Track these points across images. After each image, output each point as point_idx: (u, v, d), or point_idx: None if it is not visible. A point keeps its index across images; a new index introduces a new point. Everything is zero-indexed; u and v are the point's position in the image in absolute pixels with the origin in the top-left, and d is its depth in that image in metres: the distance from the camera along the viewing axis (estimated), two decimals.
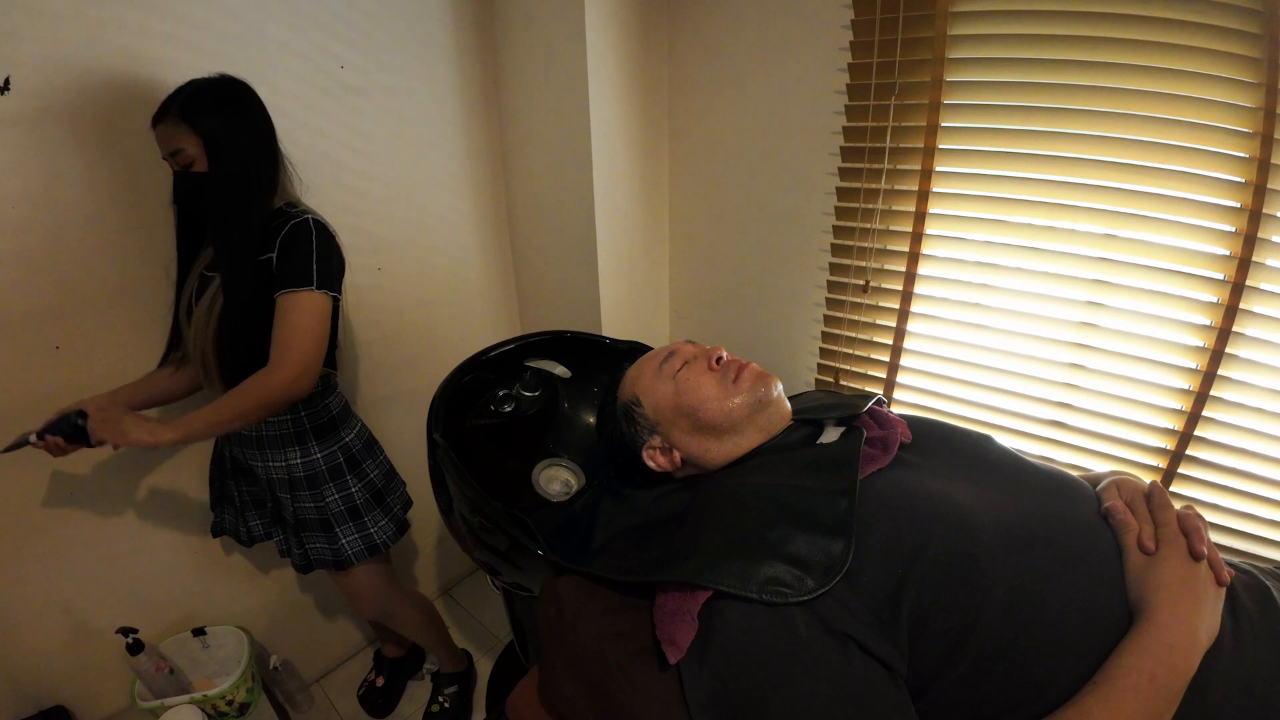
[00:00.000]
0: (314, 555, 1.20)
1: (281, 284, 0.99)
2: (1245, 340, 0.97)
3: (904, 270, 1.23)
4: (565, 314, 1.59)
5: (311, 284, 1.00)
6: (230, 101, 0.97)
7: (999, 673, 0.56)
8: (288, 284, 0.99)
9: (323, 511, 1.16)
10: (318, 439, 1.15)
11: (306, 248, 1.00)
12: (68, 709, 1.17)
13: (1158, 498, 0.64)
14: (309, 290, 1.00)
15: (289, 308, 1.00)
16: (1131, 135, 0.97)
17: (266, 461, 1.13)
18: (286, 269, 1.00)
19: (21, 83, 0.92)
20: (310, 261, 1.00)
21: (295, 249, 1.00)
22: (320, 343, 1.02)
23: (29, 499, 1.08)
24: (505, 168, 1.58)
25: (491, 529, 0.83)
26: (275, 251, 1.00)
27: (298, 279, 0.99)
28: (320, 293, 1.01)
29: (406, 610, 1.39)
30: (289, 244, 1.00)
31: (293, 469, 1.13)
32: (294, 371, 0.99)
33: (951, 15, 1.04)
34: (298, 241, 1.00)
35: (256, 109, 1.00)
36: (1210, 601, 0.56)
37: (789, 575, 0.58)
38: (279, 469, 1.13)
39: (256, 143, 1.00)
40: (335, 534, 1.18)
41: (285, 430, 1.12)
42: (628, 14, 1.31)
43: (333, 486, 1.17)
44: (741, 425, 0.80)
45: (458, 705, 1.51)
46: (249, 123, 0.98)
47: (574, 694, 0.68)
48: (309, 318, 1.00)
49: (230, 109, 0.96)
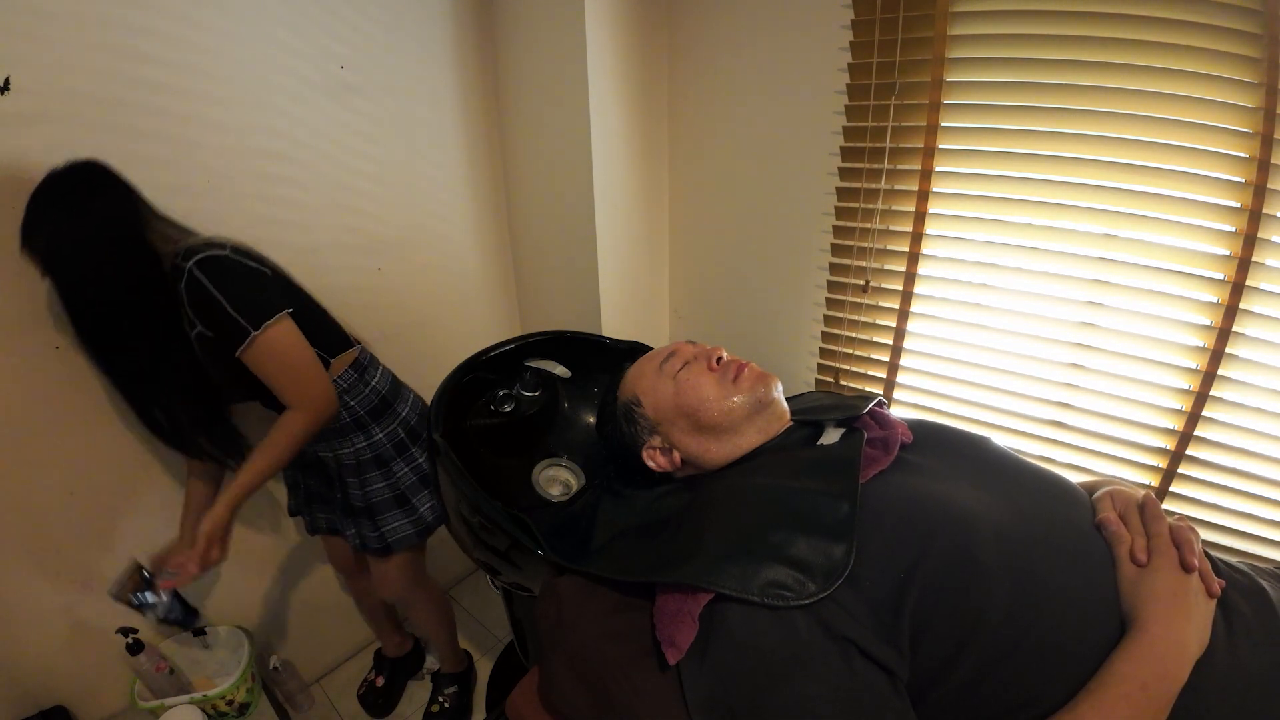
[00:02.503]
0: (391, 536, 1.22)
1: (231, 347, 0.94)
2: (1245, 340, 0.97)
3: (904, 270, 1.23)
4: (565, 314, 1.59)
5: (249, 330, 0.93)
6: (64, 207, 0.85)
7: (999, 677, 0.56)
8: (235, 343, 0.94)
9: (395, 487, 1.19)
10: (376, 421, 1.16)
11: (214, 303, 0.91)
12: (68, 709, 1.17)
13: (1151, 509, 0.64)
14: (255, 334, 0.93)
15: (256, 360, 0.95)
16: (1131, 135, 0.97)
17: (336, 450, 1.16)
18: (221, 330, 0.93)
19: (22, 82, 0.92)
20: (228, 311, 0.91)
21: (208, 309, 0.92)
22: (308, 364, 1.00)
23: (29, 498, 1.08)
24: (505, 168, 1.58)
25: (491, 529, 0.83)
26: (198, 324, 0.93)
27: (237, 334, 0.93)
28: (268, 325, 0.94)
29: (429, 598, 1.42)
30: (200, 308, 0.92)
31: (360, 453, 1.16)
32: (309, 402, 1.00)
33: (951, 15, 1.04)
34: (205, 303, 0.91)
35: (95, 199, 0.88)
36: (1201, 613, 0.57)
37: (790, 578, 0.58)
38: (348, 455, 1.16)
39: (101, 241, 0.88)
40: (412, 505, 1.22)
41: (344, 421, 1.13)
42: (628, 15, 1.31)
43: (401, 461, 1.20)
44: (741, 425, 0.80)
45: (457, 705, 1.51)
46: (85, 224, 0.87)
47: (574, 694, 0.68)
48: (279, 356, 0.97)
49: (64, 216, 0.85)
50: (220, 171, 1.13)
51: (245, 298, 0.93)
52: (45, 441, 1.07)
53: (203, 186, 1.12)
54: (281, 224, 1.24)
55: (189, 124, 1.08)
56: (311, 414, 1.01)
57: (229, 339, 0.93)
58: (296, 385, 0.99)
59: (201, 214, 1.12)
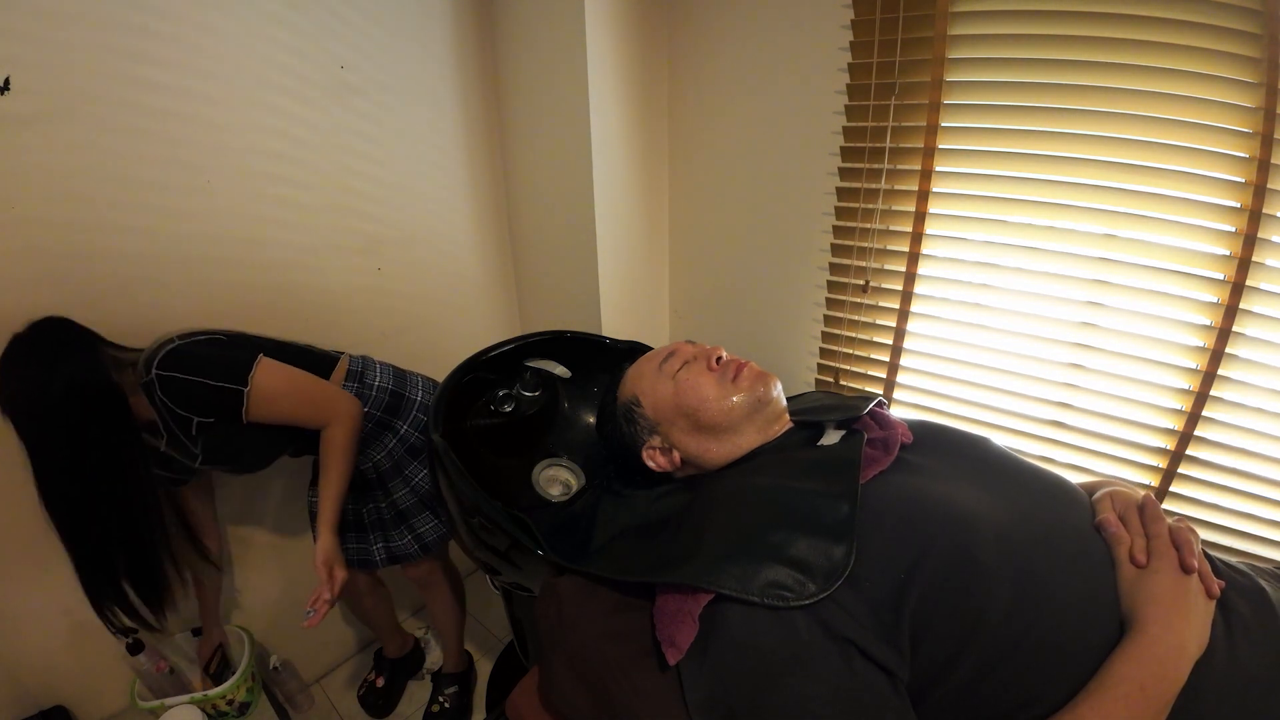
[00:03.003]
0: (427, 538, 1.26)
1: (235, 415, 0.96)
2: (1245, 340, 0.97)
3: (904, 270, 1.23)
4: (565, 314, 1.59)
5: (240, 388, 0.95)
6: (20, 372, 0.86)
7: (998, 677, 0.56)
8: (236, 410, 0.95)
9: None
10: (396, 416, 1.19)
11: (194, 386, 0.93)
12: (68, 709, 1.17)
13: (1150, 510, 0.64)
14: (247, 388, 0.95)
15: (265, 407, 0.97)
16: (1131, 135, 0.97)
17: (374, 458, 1.18)
18: (216, 407, 0.94)
19: (22, 82, 0.92)
20: (210, 385, 0.93)
21: (194, 396, 0.93)
22: (311, 382, 1.04)
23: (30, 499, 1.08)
24: (505, 168, 1.58)
25: (491, 529, 0.83)
26: (194, 415, 0.94)
27: (232, 399, 0.94)
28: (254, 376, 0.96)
29: (448, 583, 1.44)
30: (186, 399, 0.92)
31: (394, 451, 1.19)
32: (336, 413, 1.05)
33: (951, 15, 1.04)
34: (187, 393, 0.92)
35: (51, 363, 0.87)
36: (1200, 614, 0.57)
37: (790, 579, 0.58)
38: (384, 458, 1.19)
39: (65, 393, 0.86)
40: None
41: (368, 429, 1.15)
42: (628, 15, 1.31)
43: None
44: (740, 425, 0.80)
45: (458, 705, 1.51)
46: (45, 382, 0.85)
47: (574, 694, 0.68)
48: (282, 392, 0.99)
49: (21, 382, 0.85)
50: (220, 172, 1.13)
51: (218, 366, 0.95)
52: None
53: (202, 187, 1.12)
54: (281, 224, 1.24)
55: (189, 124, 1.08)
56: (346, 420, 1.06)
57: (228, 409, 0.95)
58: (314, 405, 1.03)
59: (201, 214, 1.13)
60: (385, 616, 1.53)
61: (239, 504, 1.34)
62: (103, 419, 0.89)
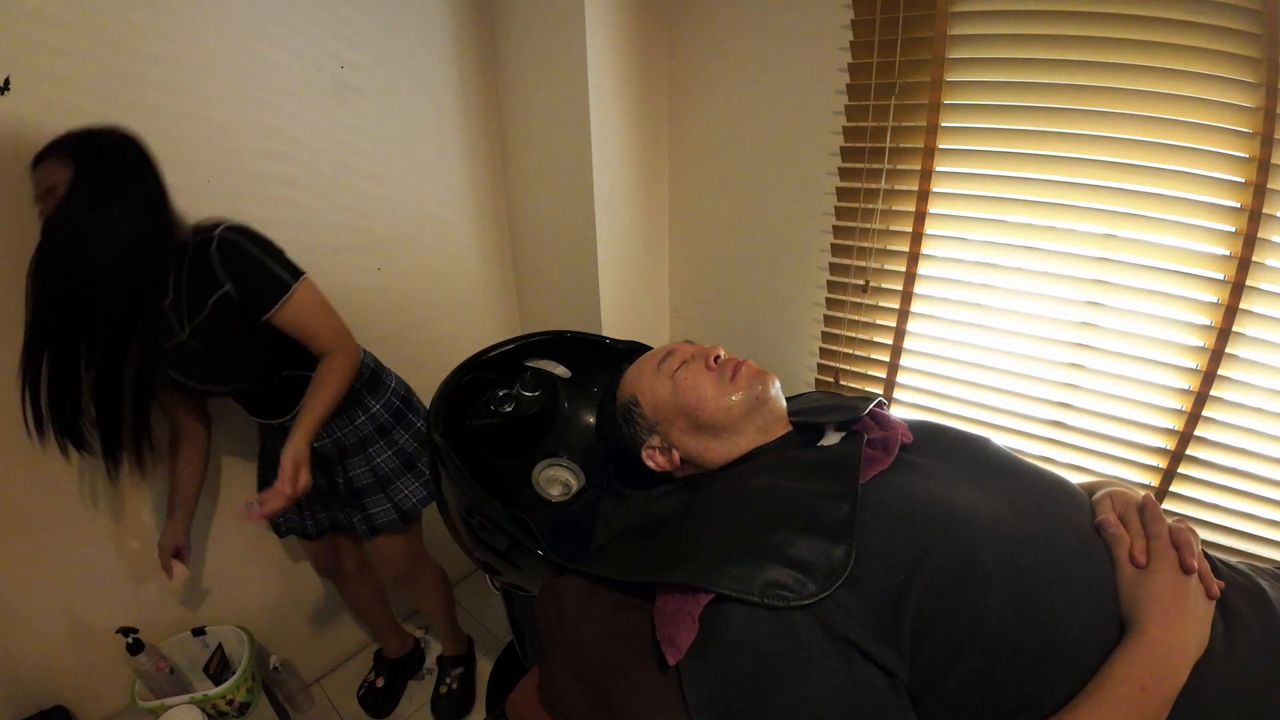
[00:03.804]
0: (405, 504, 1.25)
1: (266, 305, 1.00)
2: (1245, 340, 0.97)
3: (904, 270, 1.23)
4: (565, 314, 1.59)
5: (289, 283, 1.01)
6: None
7: (999, 678, 0.56)
8: (272, 300, 1.00)
9: (401, 453, 1.24)
10: (371, 393, 1.22)
11: (255, 261, 0.98)
12: (68, 709, 1.17)
13: (1150, 510, 0.64)
14: (293, 289, 1.01)
15: (297, 312, 1.02)
16: (1131, 135, 0.97)
17: (335, 433, 1.18)
18: (258, 289, 0.99)
19: (21, 83, 0.92)
20: (269, 269, 0.99)
21: (247, 269, 0.98)
22: (335, 314, 1.10)
23: (30, 498, 1.08)
24: (505, 168, 1.58)
25: (491, 529, 0.83)
26: (229, 283, 0.97)
27: (278, 289, 1.00)
28: (300, 281, 1.02)
29: (429, 574, 1.45)
30: (237, 268, 0.97)
31: (361, 428, 1.20)
32: (347, 342, 1.10)
33: (951, 15, 1.04)
34: (242, 260, 0.97)
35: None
36: (1200, 614, 0.57)
37: (790, 579, 0.58)
38: (350, 433, 1.19)
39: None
40: (419, 468, 1.25)
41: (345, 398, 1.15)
42: (628, 16, 1.31)
43: (400, 428, 1.24)
44: (740, 424, 0.80)
45: (464, 687, 1.54)
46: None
47: (574, 694, 0.68)
48: (316, 306, 1.06)
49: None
50: (220, 171, 1.13)
51: (278, 259, 1.02)
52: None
53: (202, 186, 1.12)
54: (281, 224, 1.23)
55: (188, 123, 1.08)
56: (352, 353, 1.10)
57: (264, 297, 0.99)
58: (333, 331, 1.08)
59: (201, 214, 1.12)
60: (380, 611, 1.53)
61: (239, 504, 1.34)
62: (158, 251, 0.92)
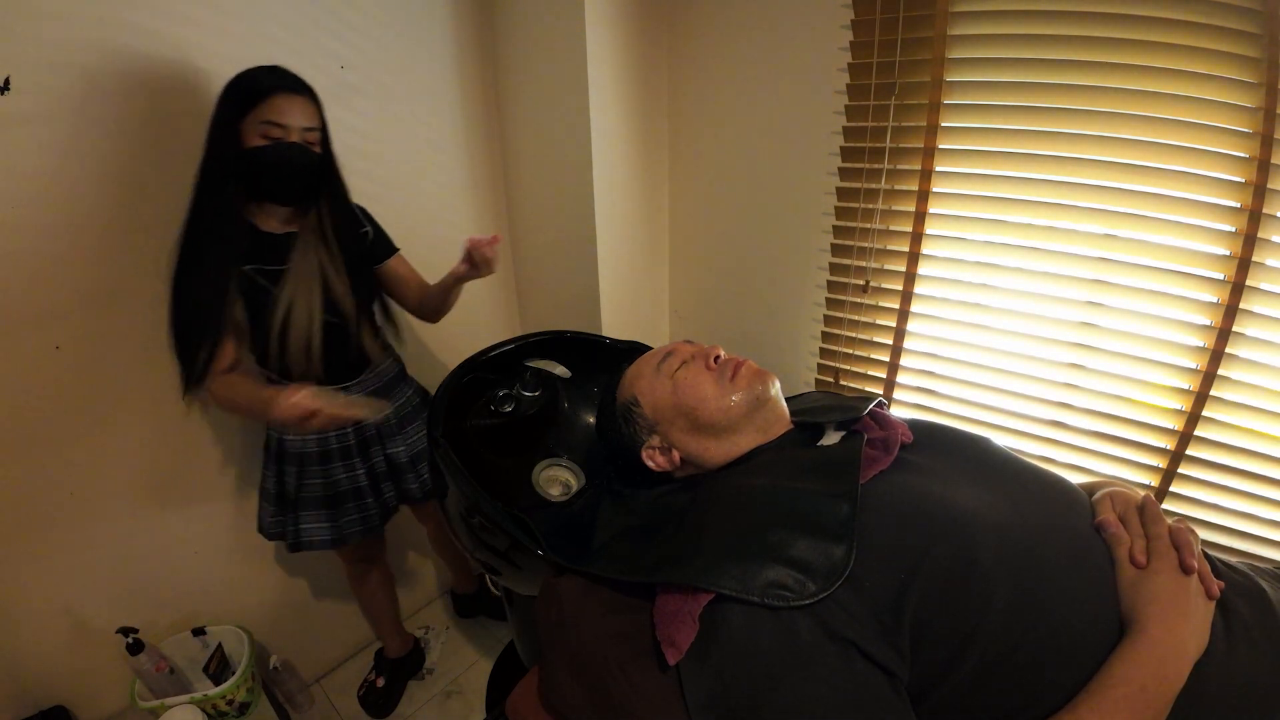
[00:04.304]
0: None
1: (386, 251, 1.23)
2: (1245, 340, 0.97)
3: (904, 270, 1.23)
4: (565, 314, 1.59)
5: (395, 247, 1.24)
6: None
7: (999, 678, 0.56)
8: (390, 249, 1.23)
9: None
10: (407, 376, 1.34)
11: (377, 224, 1.21)
12: (68, 709, 1.17)
13: (1150, 511, 0.64)
14: (397, 250, 1.24)
15: (398, 264, 1.24)
16: (1131, 135, 0.97)
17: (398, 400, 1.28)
18: (383, 240, 1.22)
19: (22, 82, 0.92)
20: (384, 232, 1.23)
21: (376, 225, 1.21)
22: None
23: (30, 498, 1.08)
24: (505, 168, 1.58)
25: (491, 529, 0.83)
26: (368, 226, 1.19)
27: (391, 243, 1.23)
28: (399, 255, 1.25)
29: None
30: (372, 221, 1.21)
31: (411, 400, 1.31)
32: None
33: (951, 15, 1.04)
34: (371, 220, 1.20)
35: None
36: (1200, 615, 0.57)
37: (790, 579, 0.58)
38: (402, 404, 1.28)
39: None
40: None
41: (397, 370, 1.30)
42: (628, 15, 1.31)
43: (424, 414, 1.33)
44: (739, 424, 0.80)
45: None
46: None
47: (574, 694, 0.68)
48: (408, 266, 1.27)
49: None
50: None
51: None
52: (45, 442, 1.07)
53: None
54: None
55: (189, 123, 1.08)
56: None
57: (384, 246, 1.23)
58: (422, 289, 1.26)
59: None
60: (389, 608, 1.53)
61: (239, 504, 1.34)
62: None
